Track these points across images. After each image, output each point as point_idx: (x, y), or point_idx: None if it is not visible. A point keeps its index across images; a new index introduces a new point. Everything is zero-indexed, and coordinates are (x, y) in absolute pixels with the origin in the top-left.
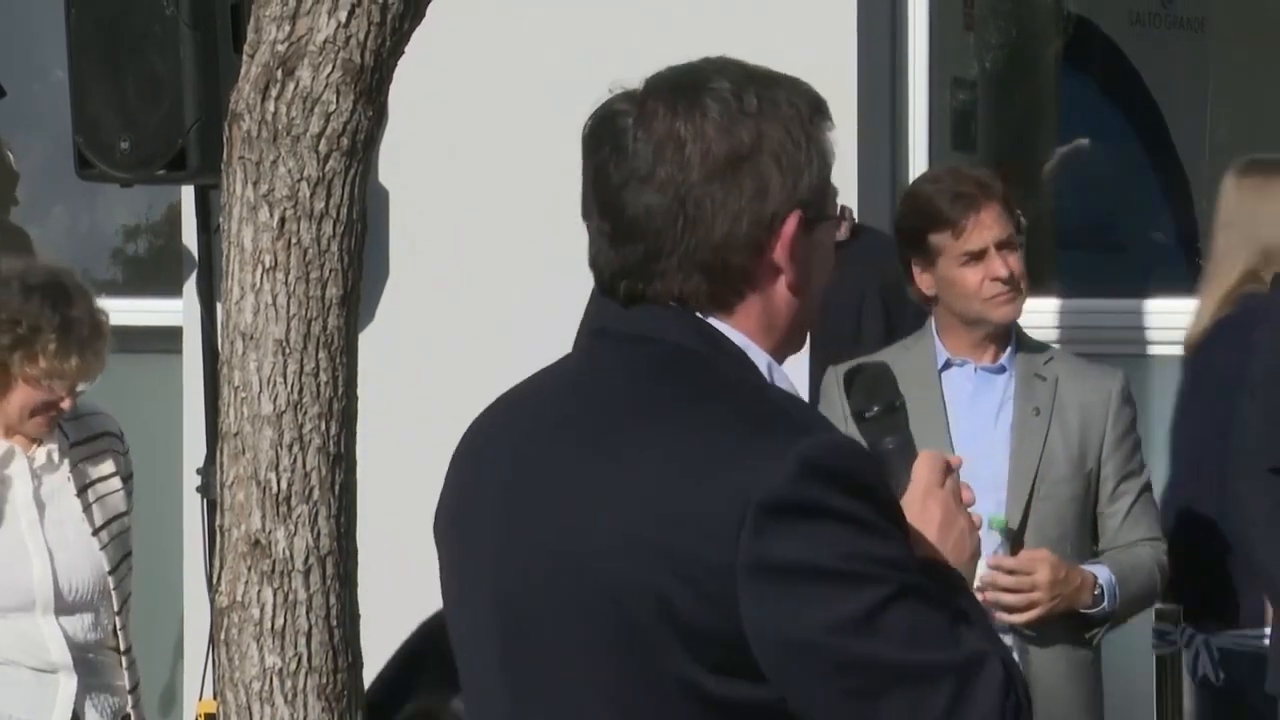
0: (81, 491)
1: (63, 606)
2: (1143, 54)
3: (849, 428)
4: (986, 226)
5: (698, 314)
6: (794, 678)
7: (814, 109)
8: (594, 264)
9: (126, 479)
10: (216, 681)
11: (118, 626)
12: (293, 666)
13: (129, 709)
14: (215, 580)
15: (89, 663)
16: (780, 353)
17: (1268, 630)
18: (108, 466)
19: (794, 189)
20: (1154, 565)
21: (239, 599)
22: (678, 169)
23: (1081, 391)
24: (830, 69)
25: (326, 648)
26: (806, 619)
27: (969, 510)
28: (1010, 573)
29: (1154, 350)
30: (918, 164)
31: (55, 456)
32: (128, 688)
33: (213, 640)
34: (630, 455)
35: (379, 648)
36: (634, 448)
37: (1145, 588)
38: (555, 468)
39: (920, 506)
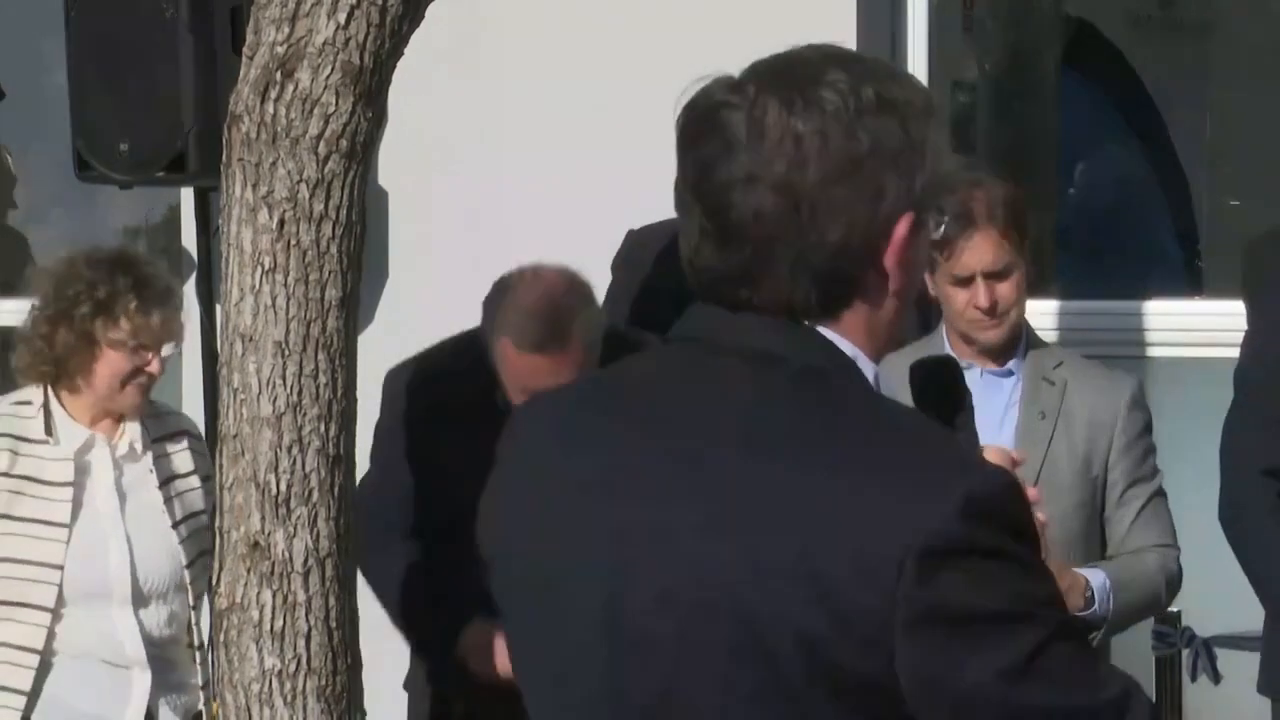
0: (163, 484)
1: (139, 598)
2: (1142, 56)
3: None
4: (977, 253)
5: (806, 323)
6: None
7: (927, 105)
8: (691, 265)
9: (206, 479)
10: (216, 683)
11: (193, 621)
12: (292, 668)
13: (200, 706)
14: (215, 582)
15: (163, 659)
16: (877, 359)
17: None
18: (188, 464)
19: (908, 191)
20: (1159, 572)
21: (238, 601)
22: (794, 168)
23: (1091, 397)
24: None
25: (326, 649)
26: (972, 665)
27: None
28: None
29: (1154, 352)
30: None
31: (138, 447)
32: (200, 684)
33: (212, 642)
34: (773, 482)
35: (378, 650)
36: (777, 474)
37: (1147, 595)
38: (683, 484)
39: None
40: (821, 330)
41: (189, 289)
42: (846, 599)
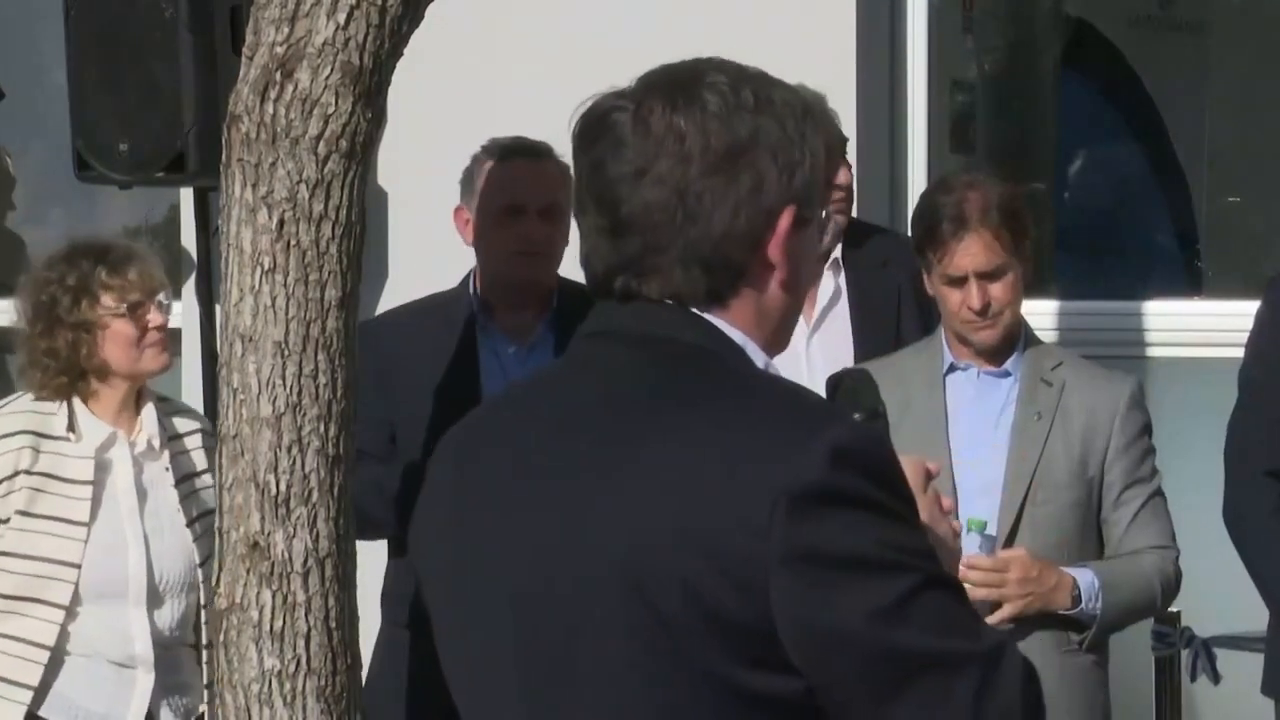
0: (179, 483)
1: (154, 597)
2: (1141, 56)
3: None
4: (970, 254)
5: (694, 310)
6: (825, 666)
7: (806, 108)
8: (587, 261)
9: None
10: (216, 684)
11: (203, 621)
12: (292, 669)
13: (202, 706)
14: (214, 582)
15: (167, 660)
16: (769, 351)
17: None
18: (202, 462)
19: (789, 185)
20: (1154, 573)
21: (238, 601)
22: (677, 162)
23: (1089, 397)
24: (830, 71)
25: (325, 650)
26: (842, 607)
27: (948, 518)
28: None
29: (1153, 352)
30: (917, 167)
31: (155, 444)
32: (204, 684)
33: (212, 642)
34: (653, 450)
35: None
36: (656, 442)
37: (1141, 595)
38: (571, 469)
39: None
40: (709, 317)
41: (189, 289)
42: (724, 547)
